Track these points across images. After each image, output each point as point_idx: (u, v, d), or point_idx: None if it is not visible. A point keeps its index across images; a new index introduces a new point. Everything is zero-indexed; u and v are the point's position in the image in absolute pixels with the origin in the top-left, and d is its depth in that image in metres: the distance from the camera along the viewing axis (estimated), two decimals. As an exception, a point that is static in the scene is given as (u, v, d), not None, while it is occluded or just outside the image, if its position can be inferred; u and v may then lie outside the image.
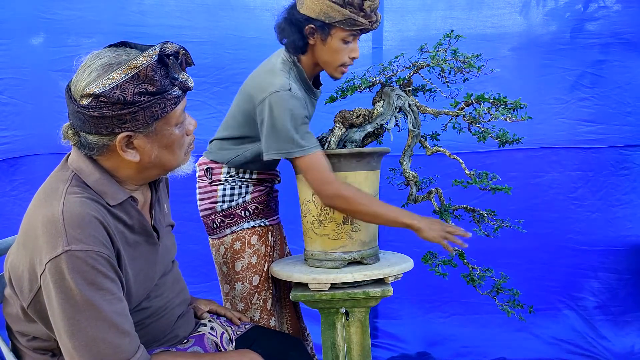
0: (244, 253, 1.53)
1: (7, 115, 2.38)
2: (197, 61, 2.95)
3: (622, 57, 2.44)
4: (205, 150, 1.66)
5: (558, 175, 2.49)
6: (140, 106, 0.88)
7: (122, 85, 0.85)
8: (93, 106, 0.86)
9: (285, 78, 1.40)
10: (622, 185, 2.47)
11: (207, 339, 1.15)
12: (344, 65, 1.45)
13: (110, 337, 0.85)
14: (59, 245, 0.83)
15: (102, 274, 0.85)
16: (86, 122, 0.88)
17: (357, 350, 1.40)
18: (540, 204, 2.49)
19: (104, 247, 0.87)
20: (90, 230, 0.86)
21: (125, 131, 0.89)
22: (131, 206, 0.98)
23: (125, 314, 0.89)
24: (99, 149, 0.92)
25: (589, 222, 2.48)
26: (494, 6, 2.50)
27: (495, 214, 1.48)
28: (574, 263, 2.50)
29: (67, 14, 2.32)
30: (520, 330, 2.41)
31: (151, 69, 0.87)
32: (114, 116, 0.87)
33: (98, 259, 0.85)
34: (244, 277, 1.53)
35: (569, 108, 2.48)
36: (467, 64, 1.34)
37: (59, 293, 0.83)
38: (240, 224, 1.54)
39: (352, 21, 1.35)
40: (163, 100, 0.90)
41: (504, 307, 1.46)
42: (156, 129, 0.93)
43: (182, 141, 1.00)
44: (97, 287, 0.85)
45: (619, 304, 2.48)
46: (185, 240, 1.83)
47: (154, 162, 0.96)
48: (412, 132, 1.46)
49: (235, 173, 1.56)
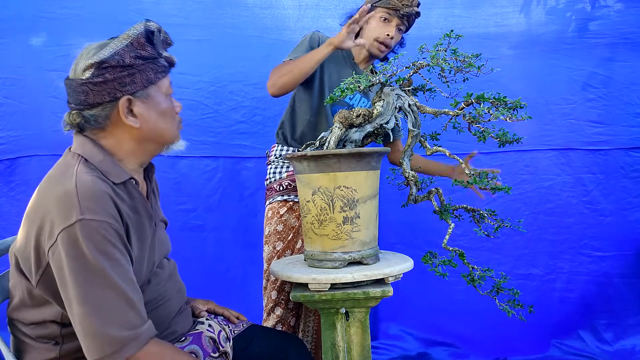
0: (272, 220, 1.77)
1: (2, 116, 2.37)
2: (195, 60, 2.96)
3: (628, 58, 2.43)
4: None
5: (569, 178, 2.47)
6: (138, 68, 0.99)
7: (120, 52, 0.97)
8: (96, 74, 0.97)
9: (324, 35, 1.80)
10: (633, 188, 2.46)
11: (205, 336, 1.15)
12: (378, 40, 1.73)
13: (119, 306, 0.89)
14: (73, 215, 0.88)
15: (112, 244, 0.90)
16: (90, 94, 0.97)
17: (357, 350, 1.40)
18: (554, 209, 2.47)
19: (115, 220, 0.92)
20: (102, 204, 0.92)
21: (126, 94, 0.99)
22: (133, 187, 1.05)
23: (133, 286, 0.93)
24: (102, 120, 1.00)
25: (603, 227, 2.47)
26: (495, 4, 2.49)
27: (496, 214, 1.47)
28: (589, 270, 2.48)
29: (64, 13, 2.31)
30: (521, 330, 2.41)
31: (142, 38, 1.00)
32: (115, 79, 0.97)
33: (110, 230, 0.90)
34: (269, 240, 1.76)
35: (577, 109, 2.47)
36: (467, 64, 1.34)
37: (71, 260, 0.88)
38: (275, 197, 1.79)
39: (387, 1, 1.70)
40: (155, 66, 1.03)
41: (504, 307, 1.45)
42: (151, 94, 1.03)
43: (174, 113, 1.10)
44: (108, 257, 0.89)
45: (623, 306, 2.48)
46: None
47: (152, 130, 1.04)
48: (412, 132, 1.45)
49: (280, 155, 1.83)
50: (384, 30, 1.71)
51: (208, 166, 2.48)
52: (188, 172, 2.46)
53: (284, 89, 1.65)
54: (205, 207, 2.47)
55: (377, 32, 1.72)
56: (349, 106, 1.78)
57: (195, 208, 2.46)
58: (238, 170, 2.50)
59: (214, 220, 2.48)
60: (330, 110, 1.81)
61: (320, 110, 1.79)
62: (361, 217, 1.39)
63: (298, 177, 1.45)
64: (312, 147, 1.50)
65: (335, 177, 1.36)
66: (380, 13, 1.71)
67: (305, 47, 1.73)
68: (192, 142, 2.45)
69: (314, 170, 1.38)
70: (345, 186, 1.37)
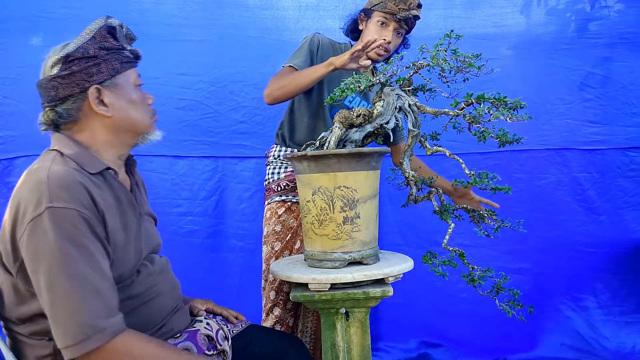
0: (270, 220, 1.78)
1: (2, 115, 2.36)
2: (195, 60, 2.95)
3: (626, 58, 2.44)
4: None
5: (563, 177, 2.48)
6: (103, 58, 1.04)
7: (84, 45, 1.03)
8: (63, 68, 1.02)
9: (327, 37, 1.84)
10: (629, 188, 2.46)
11: (201, 334, 1.15)
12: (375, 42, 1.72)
13: (86, 296, 0.89)
14: (42, 203, 0.90)
15: (82, 233, 0.91)
16: (59, 88, 1.02)
17: (357, 350, 1.40)
18: (547, 206, 2.48)
19: (86, 208, 0.93)
20: (73, 192, 0.92)
21: (94, 84, 1.03)
22: (112, 177, 1.06)
23: (103, 276, 0.92)
24: (75, 113, 1.04)
25: (596, 224, 2.48)
26: (495, 5, 2.49)
27: (496, 214, 1.47)
28: (580, 265, 2.50)
29: (64, 13, 2.31)
30: (521, 331, 2.41)
31: (104, 31, 1.06)
32: (81, 70, 1.02)
33: (79, 219, 0.91)
34: (267, 240, 1.77)
35: (573, 108, 2.48)
36: (467, 64, 1.34)
37: (39, 248, 0.89)
38: (273, 197, 1.80)
39: (383, 5, 1.70)
40: (120, 57, 1.07)
41: (504, 307, 1.45)
42: (119, 84, 1.07)
43: (145, 102, 1.13)
44: (76, 244, 0.90)
45: (620, 304, 2.48)
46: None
47: (123, 118, 1.07)
48: (412, 132, 1.45)
49: (278, 156, 1.83)
50: (381, 35, 1.70)
51: (208, 166, 2.47)
52: (188, 172, 2.46)
53: (279, 100, 1.68)
54: (205, 207, 2.46)
55: (375, 37, 1.71)
56: (348, 108, 1.79)
57: (194, 208, 2.46)
58: (238, 171, 2.50)
59: (214, 220, 2.48)
60: (329, 112, 1.81)
61: (319, 112, 1.80)
62: (361, 217, 1.39)
63: (298, 177, 1.45)
64: (312, 147, 1.50)
65: (335, 177, 1.36)
66: (378, 17, 1.71)
67: (305, 51, 1.74)
68: (192, 142, 2.45)
69: (314, 170, 1.38)
70: (345, 186, 1.37)
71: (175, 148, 2.43)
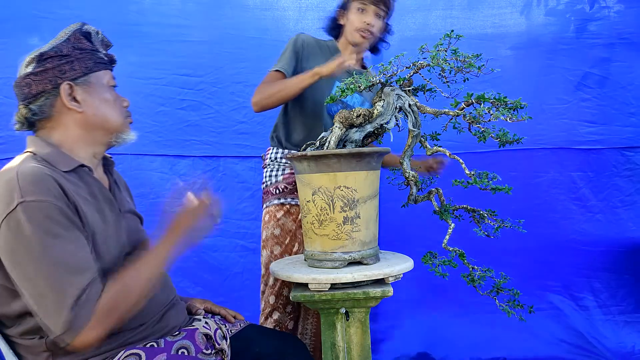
0: (269, 224, 1.77)
1: (1, 115, 2.36)
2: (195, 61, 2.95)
3: (625, 58, 2.44)
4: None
5: (559, 176, 2.49)
6: (76, 57, 1.07)
7: (58, 45, 1.06)
8: (37, 66, 1.05)
9: (310, 36, 1.84)
10: (625, 187, 2.47)
11: (199, 333, 1.15)
12: (358, 29, 1.74)
13: (67, 278, 0.90)
14: (14, 200, 0.91)
15: (57, 222, 0.92)
16: (32, 85, 1.06)
17: (357, 350, 1.40)
18: (542, 205, 2.49)
19: (57, 199, 0.94)
20: (43, 185, 0.93)
21: (66, 80, 1.06)
22: (86, 173, 1.08)
23: (81, 254, 0.93)
24: (47, 109, 1.06)
25: (592, 223, 2.48)
26: (494, 5, 2.50)
27: (496, 214, 1.47)
28: (576, 263, 2.51)
29: (65, 13, 2.31)
30: (520, 330, 2.41)
31: (79, 34, 1.09)
32: (54, 67, 1.05)
33: (52, 209, 0.92)
34: (266, 245, 1.77)
35: (570, 108, 2.48)
36: (468, 64, 1.34)
37: (16, 244, 0.90)
38: (272, 200, 1.79)
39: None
40: (94, 57, 1.11)
41: (504, 307, 1.45)
42: (92, 82, 1.09)
43: (118, 103, 1.15)
44: (53, 235, 0.91)
45: (619, 304, 2.49)
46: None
47: (95, 115, 1.09)
48: (412, 132, 1.45)
49: (275, 158, 1.83)
50: (362, 19, 1.73)
51: (209, 166, 2.48)
52: (189, 172, 2.46)
53: (266, 108, 1.71)
54: (205, 207, 2.47)
55: (356, 23, 1.74)
56: (345, 105, 1.78)
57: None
58: (239, 170, 2.51)
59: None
60: (325, 111, 1.80)
61: (315, 111, 1.79)
62: (361, 217, 1.39)
63: (298, 177, 1.46)
64: (312, 147, 1.50)
65: (336, 177, 1.36)
66: (356, 5, 1.74)
67: (290, 54, 1.75)
68: (194, 142, 2.46)
69: (314, 170, 1.38)
70: (346, 186, 1.37)
71: (176, 148, 2.44)
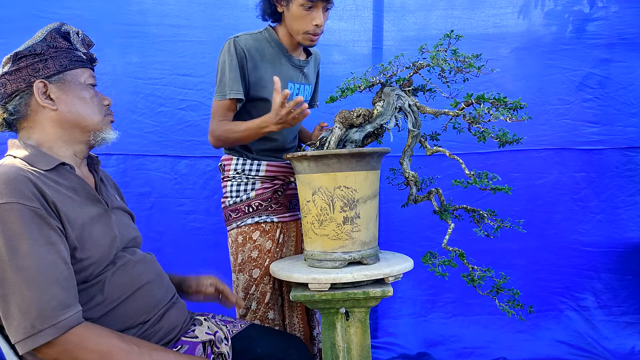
0: (245, 247, 1.61)
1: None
2: (196, 61, 2.95)
3: (626, 58, 2.44)
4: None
5: (561, 177, 2.49)
6: (50, 55, 1.08)
7: (34, 45, 1.07)
8: (11, 65, 1.06)
9: (244, 34, 1.61)
10: (627, 187, 2.47)
11: (199, 349, 1.14)
12: (308, 33, 1.55)
13: (37, 288, 0.88)
14: None
15: (30, 225, 0.90)
16: (7, 84, 1.06)
17: (357, 350, 1.40)
18: (544, 205, 2.49)
19: (31, 200, 0.92)
20: (16, 185, 0.92)
21: (40, 78, 1.06)
22: (67, 171, 1.07)
23: (57, 265, 0.91)
24: (23, 109, 1.07)
25: (593, 223, 2.48)
26: (495, 6, 2.50)
27: (496, 214, 1.48)
28: (577, 264, 2.50)
29: (65, 13, 2.31)
30: (520, 331, 2.41)
31: (55, 33, 1.09)
32: (28, 66, 1.06)
33: (25, 212, 0.90)
34: (244, 269, 1.62)
35: (572, 109, 2.48)
36: (467, 64, 1.34)
37: None
38: (244, 219, 1.63)
39: None
40: (70, 55, 1.10)
41: (504, 307, 1.45)
42: (67, 80, 1.09)
43: (97, 101, 1.14)
44: (25, 238, 0.89)
45: (621, 304, 2.48)
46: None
47: (71, 113, 1.09)
48: (412, 132, 1.46)
49: (242, 170, 1.64)
50: (311, 21, 1.52)
51: (209, 166, 2.48)
52: (189, 172, 2.46)
53: (222, 146, 1.63)
54: (206, 207, 2.47)
55: (303, 25, 1.53)
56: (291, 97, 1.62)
57: (195, 208, 2.47)
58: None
59: (215, 220, 2.48)
60: None
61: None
62: (361, 217, 1.39)
63: (298, 177, 1.46)
64: (312, 147, 1.51)
65: (336, 177, 1.36)
66: (301, 1, 1.49)
67: (235, 73, 1.54)
68: (194, 142, 2.46)
69: (314, 170, 1.38)
70: (346, 186, 1.37)
71: (177, 148, 2.44)
